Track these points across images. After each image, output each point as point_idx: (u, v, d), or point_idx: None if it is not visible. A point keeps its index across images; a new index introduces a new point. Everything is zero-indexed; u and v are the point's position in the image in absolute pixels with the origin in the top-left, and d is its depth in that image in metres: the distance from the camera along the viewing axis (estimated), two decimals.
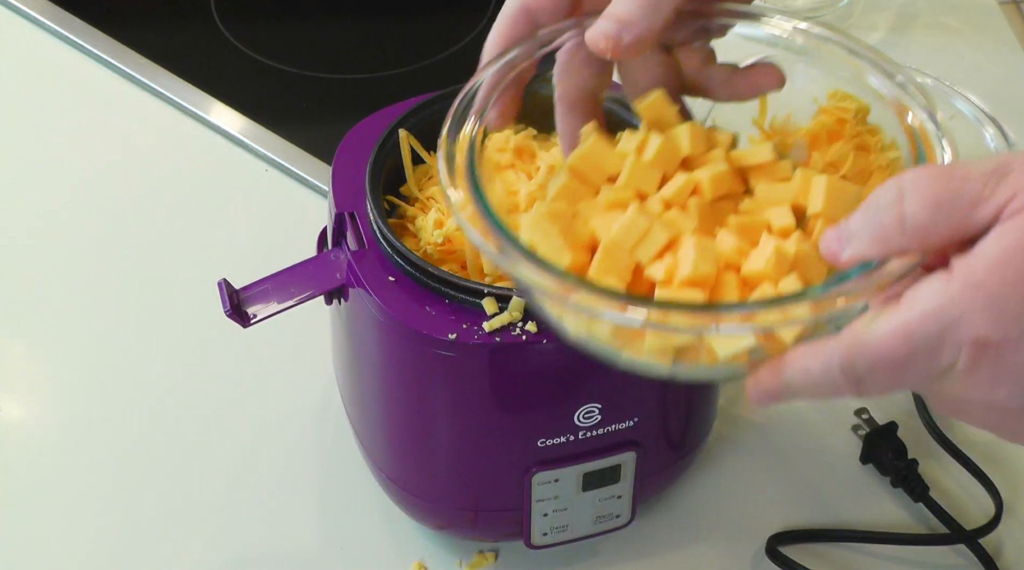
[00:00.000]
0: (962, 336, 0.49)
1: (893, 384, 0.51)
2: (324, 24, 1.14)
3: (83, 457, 0.83)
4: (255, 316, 0.69)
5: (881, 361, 0.50)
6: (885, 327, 0.50)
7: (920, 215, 0.50)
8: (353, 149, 0.72)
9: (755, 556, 0.78)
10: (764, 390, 0.54)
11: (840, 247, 0.53)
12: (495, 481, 0.72)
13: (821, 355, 0.52)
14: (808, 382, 0.52)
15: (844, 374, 0.51)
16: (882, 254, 0.52)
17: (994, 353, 0.49)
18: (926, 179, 0.50)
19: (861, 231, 0.52)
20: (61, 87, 1.06)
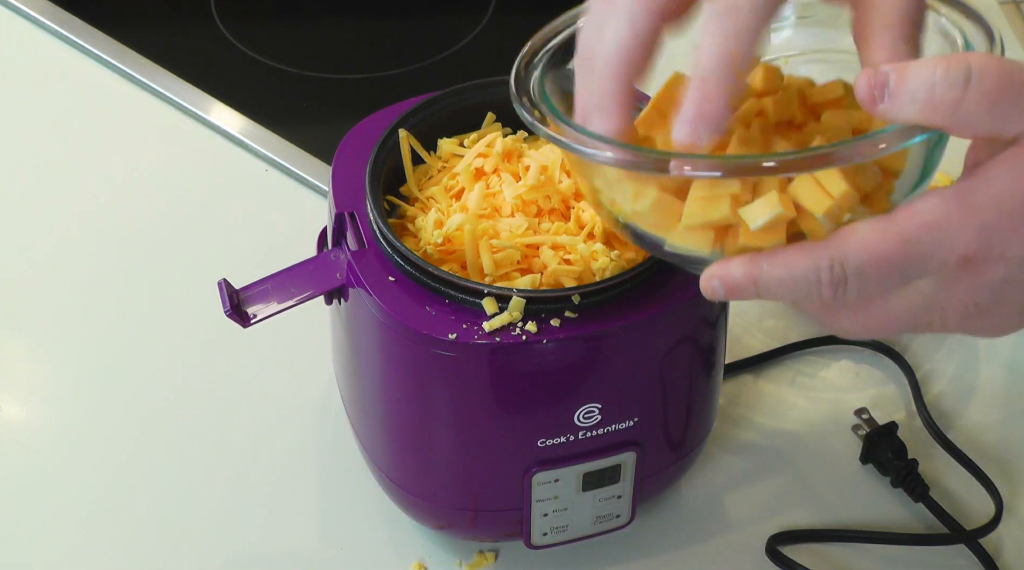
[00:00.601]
0: (952, 252, 0.51)
1: (875, 290, 0.53)
2: (324, 24, 1.14)
3: (83, 457, 0.83)
4: (255, 316, 0.69)
5: (874, 261, 0.52)
6: (882, 232, 0.52)
7: (978, 107, 0.51)
8: (353, 149, 0.72)
9: (755, 556, 0.78)
10: (728, 278, 0.54)
11: (882, 95, 0.52)
12: (495, 481, 0.72)
13: (811, 251, 0.53)
14: (787, 277, 0.53)
15: (831, 273, 0.52)
16: (922, 122, 0.52)
17: (975, 266, 0.52)
18: (994, 73, 0.51)
19: (915, 93, 0.52)
20: (61, 87, 1.06)
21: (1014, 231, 0.51)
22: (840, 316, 0.55)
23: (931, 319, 0.54)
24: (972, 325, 0.54)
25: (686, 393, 0.74)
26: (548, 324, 0.64)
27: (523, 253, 0.68)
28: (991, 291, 0.53)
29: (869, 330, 0.55)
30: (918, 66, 0.52)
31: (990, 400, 0.86)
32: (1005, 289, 0.52)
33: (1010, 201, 0.51)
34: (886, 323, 0.54)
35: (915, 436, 0.83)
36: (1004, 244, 0.51)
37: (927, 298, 0.53)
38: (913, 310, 0.54)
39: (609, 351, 0.67)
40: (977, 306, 0.53)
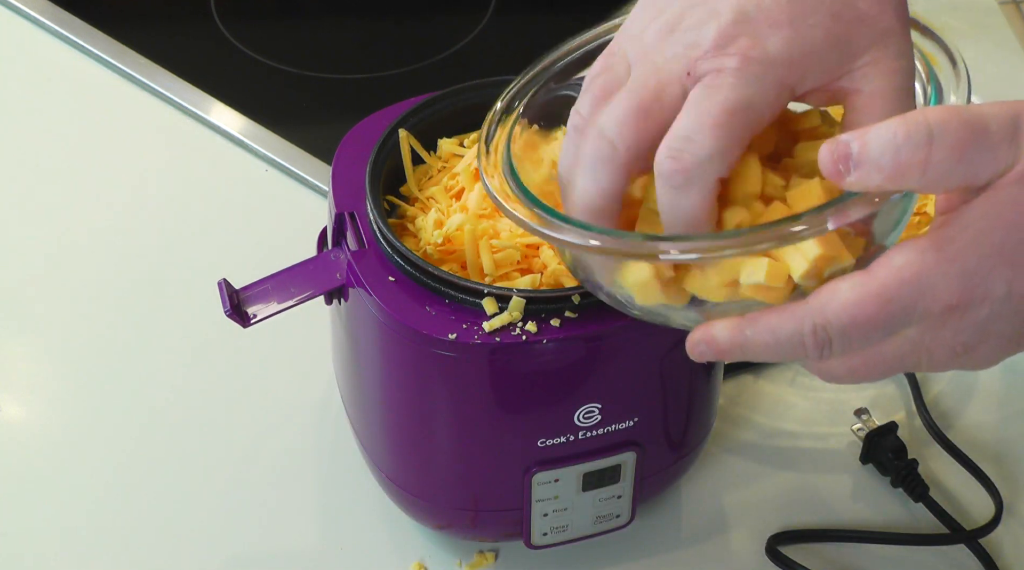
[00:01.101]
0: (935, 302, 0.51)
1: (859, 346, 0.53)
2: (324, 24, 1.14)
3: (83, 457, 0.83)
4: (255, 316, 0.69)
5: (856, 323, 0.52)
6: (863, 291, 0.52)
7: (945, 164, 0.50)
8: (353, 149, 0.72)
9: (755, 556, 0.78)
10: (714, 344, 0.55)
11: (848, 168, 0.52)
12: (495, 481, 0.72)
13: (795, 315, 0.53)
14: (771, 342, 0.53)
15: (815, 337, 0.52)
16: (891, 189, 0.52)
17: (960, 313, 0.52)
18: (955, 125, 0.51)
19: (879, 160, 0.51)
20: (61, 87, 1.06)
21: (994, 271, 0.51)
22: (828, 364, 0.55)
23: (919, 360, 0.54)
24: (960, 361, 0.54)
25: (686, 393, 0.74)
26: (548, 324, 0.64)
27: (523, 253, 0.68)
28: (977, 329, 0.52)
29: (857, 376, 0.55)
30: (877, 131, 0.51)
31: (990, 400, 0.86)
32: (991, 325, 0.52)
33: (988, 244, 0.51)
34: (873, 368, 0.54)
35: (915, 436, 0.83)
36: (986, 286, 0.51)
37: (913, 343, 0.53)
38: (900, 355, 0.54)
39: (609, 351, 0.67)
40: (964, 345, 0.53)
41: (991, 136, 0.51)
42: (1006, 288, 0.51)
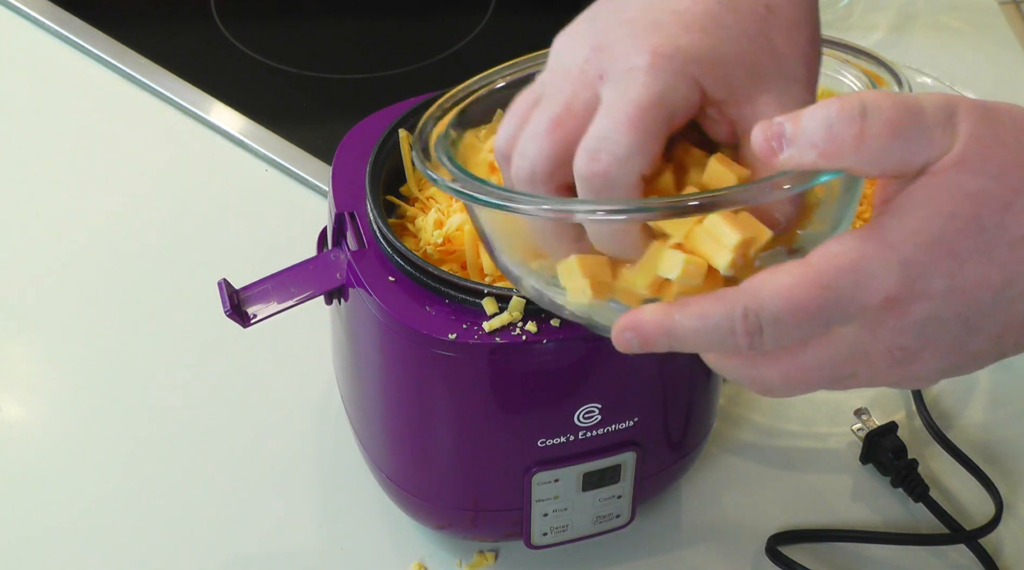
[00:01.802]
0: (873, 293, 0.49)
1: (792, 337, 0.50)
2: (324, 24, 1.14)
3: (83, 457, 0.83)
4: (255, 316, 0.69)
5: (790, 309, 0.49)
6: (798, 277, 0.50)
7: (880, 139, 0.49)
8: (353, 149, 0.72)
9: (755, 556, 0.78)
10: (641, 330, 0.52)
11: (781, 146, 0.50)
12: (495, 481, 0.72)
13: (725, 299, 0.51)
14: (700, 328, 0.51)
15: (745, 322, 0.50)
16: (825, 167, 0.50)
17: (898, 306, 0.50)
18: (889, 103, 0.50)
19: (813, 136, 0.50)
20: (61, 87, 1.06)
21: (934, 264, 0.49)
22: (761, 368, 0.52)
23: (856, 368, 0.51)
24: (901, 372, 0.52)
25: (686, 393, 0.74)
26: (548, 324, 0.64)
27: None
28: (917, 331, 0.50)
29: (792, 383, 0.52)
30: (812, 109, 0.50)
31: (990, 400, 0.86)
32: (931, 328, 0.50)
33: (926, 233, 0.49)
34: (809, 374, 0.52)
35: (915, 436, 0.83)
36: (926, 279, 0.49)
37: (851, 345, 0.51)
38: (837, 359, 0.51)
39: (609, 351, 0.66)
40: (904, 350, 0.50)
41: (926, 118, 0.49)
42: (947, 282, 0.49)
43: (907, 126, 0.49)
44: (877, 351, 0.51)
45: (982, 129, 0.50)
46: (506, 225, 0.59)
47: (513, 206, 0.54)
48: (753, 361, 0.52)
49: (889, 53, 1.05)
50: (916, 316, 0.50)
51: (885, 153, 0.49)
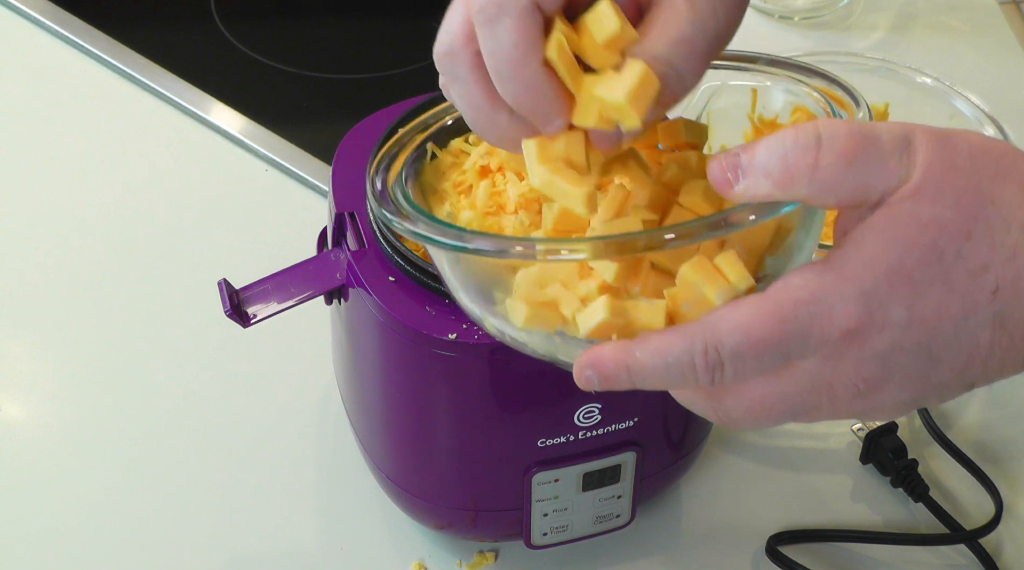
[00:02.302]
0: (832, 325, 0.49)
1: (753, 371, 0.50)
2: (324, 24, 1.14)
3: (83, 457, 0.83)
4: (255, 316, 0.69)
5: (749, 343, 0.49)
6: (757, 311, 0.49)
7: (833, 168, 0.49)
8: (353, 149, 0.72)
9: (755, 556, 0.78)
10: (601, 367, 0.51)
11: (736, 178, 0.50)
12: (495, 481, 0.72)
13: (684, 334, 0.50)
14: (660, 364, 0.50)
15: (705, 357, 0.49)
16: (779, 197, 0.50)
17: (859, 337, 0.49)
18: (844, 132, 0.49)
19: (767, 166, 0.49)
20: (61, 87, 1.06)
21: (892, 293, 0.49)
22: (724, 402, 0.52)
23: (820, 400, 0.51)
24: (865, 404, 0.51)
25: None
26: None
27: None
28: (879, 362, 0.49)
29: (755, 416, 0.51)
30: (767, 140, 0.50)
31: (990, 400, 0.86)
32: (893, 358, 0.49)
33: (883, 263, 0.49)
34: (772, 406, 0.51)
35: (915, 436, 0.83)
36: (884, 309, 0.49)
37: (813, 377, 0.50)
38: (800, 391, 0.50)
39: None
40: (867, 382, 0.50)
41: (881, 146, 0.49)
42: (906, 313, 0.49)
43: (862, 155, 0.49)
44: (840, 383, 0.50)
45: (939, 157, 0.49)
46: (465, 263, 0.58)
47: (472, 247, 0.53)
48: (716, 394, 0.52)
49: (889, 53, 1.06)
50: (877, 347, 0.49)
51: (840, 182, 0.49)
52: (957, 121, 0.92)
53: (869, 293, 0.49)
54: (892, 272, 0.49)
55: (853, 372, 0.50)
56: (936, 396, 0.51)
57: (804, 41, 1.09)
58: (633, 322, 0.52)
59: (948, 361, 0.50)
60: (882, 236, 0.49)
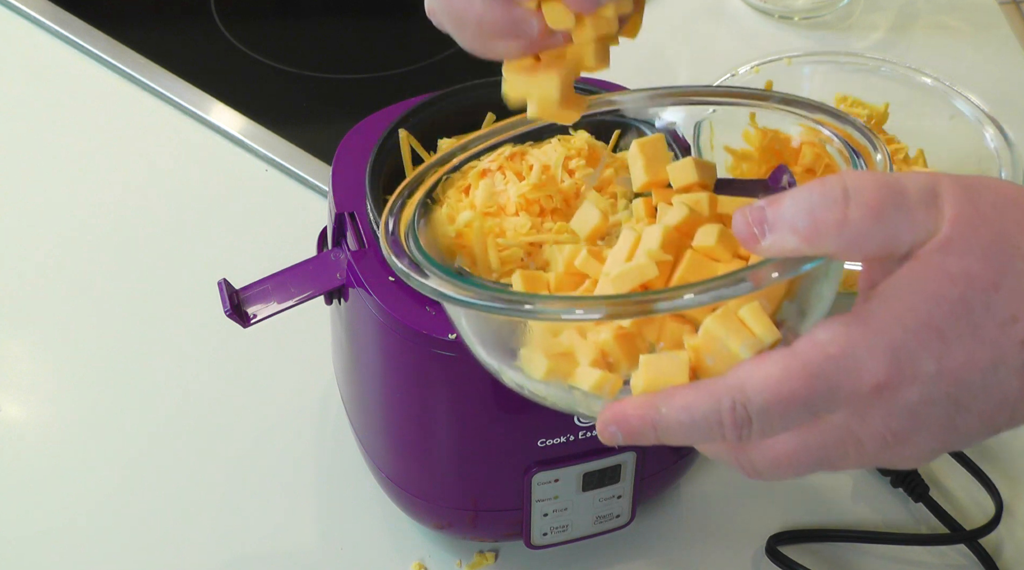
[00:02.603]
0: (862, 380, 0.48)
1: (780, 427, 0.49)
2: (324, 24, 1.14)
3: (83, 457, 0.83)
4: (255, 316, 0.69)
5: (777, 400, 0.48)
6: (785, 367, 0.49)
7: (863, 223, 0.48)
8: (353, 149, 0.72)
9: (755, 556, 0.78)
10: (626, 424, 0.51)
11: (763, 231, 0.50)
12: (495, 481, 0.72)
13: (711, 391, 0.49)
14: (686, 421, 0.50)
15: (733, 415, 0.49)
16: (807, 252, 0.49)
17: (890, 393, 0.49)
18: (871, 185, 0.49)
19: (794, 221, 0.49)
20: (61, 87, 1.06)
21: (923, 348, 0.48)
22: (749, 455, 0.51)
23: (847, 452, 0.50)
24: (892, 455, 0.50)
25: None
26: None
27: (526, 251, 0.68)
28: (908, 414, 0.49)
29: (782, 468, 0.51)
30: (793, 193, 0.49)
31: None
32: (922, 410, 0.49)
33: (913, 317, 0.48)
34: (799, 459, 0.50)
35: None
36: (914, 363, 0.48)
37: (841, 431, 0.50)
38: (827, 444, 0.50)
39: None
40: (896, 434, 0.49)
41: (908, 198, 0.49)
42: (936, 365, 0.48)
43: (890, 208, 0.49)
44: (868, 435, 0.50)
45: (966, 208, 0.49)
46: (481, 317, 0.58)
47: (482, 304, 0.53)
48: (742, 448, 0.51)
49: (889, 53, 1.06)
50: (906, 400, 0.49)
51: (869, 236, 0.49)
52: (957, 121, 0.92)
53: (898, 347, 0.48)
54: (921, 326, 0.48)
55: (882, 425, 0.49)
56: (963, 442, 0.51)
57: (804, 41, 1.09)
58: (660, 377, 0.52)
59: (976, 410, 0.50)
60: (911, 290, 0.49)
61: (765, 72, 0.94)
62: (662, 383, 0.51)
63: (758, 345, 0.51)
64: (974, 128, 0.91)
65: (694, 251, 0.55)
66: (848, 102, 0.94)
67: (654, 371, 0.52)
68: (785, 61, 0.95)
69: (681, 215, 0.56)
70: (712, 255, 0.55)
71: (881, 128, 0.93)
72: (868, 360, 0.48)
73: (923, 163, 0.92)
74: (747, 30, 0.68)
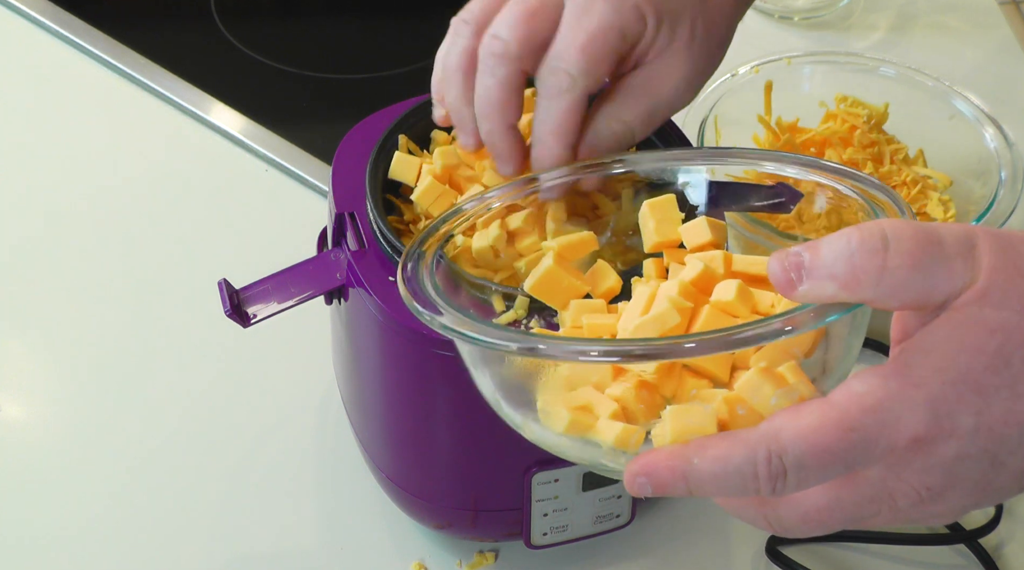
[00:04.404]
0: (900, 434, 0.48)
1: (816, 480, 0.49)
2: (324, 24, 1.14)
3: (83, 457, 0.83)
4: (255, 316, 0.69)
5: (815, 453, 0.48)
6: (821, 419, 0.48)
7: (901, 272, 0.48)
8: (353, 149, 0.72)
9: (755, 556, 0.78)
10: (656, 476, 0.50)
11: (800, 277, 0.49)
12: (495, 481, 0.72)
13: (745, 442, 0.49)
14: (720, 473, 0.49)
15: (768, 467, 0.48)
16: (844, 299, 0.49)
17: (928, 448, 0.48)
18: (910, 234, 0.48)
19: (834, 267, 0.49)
20: (61, 87, 1.06)
21: (961, 402, 0.47)
22: (778, 511, 0.51)
23: (880, 508, 0.50)
24: (924, 511, 0.50)
25: None
26: (552, 323, 0.64)
27: None
28: (944, 471, 0.48)
29: (810, 525, 0.50)
30: (831, 240, 0.49)
31: None
32: (958, 466, 0.48)
33: (952, 370, 0.48)
34: (829, 516, 0.50)
35: None
36: (953, 417, 0.48)
37: (875, 486, 0.49)
38: (859, 501, 0.49)
39: None
40: (930, 490, 0.49)
41: (946, 248, 0.48)
42: (974, 420, 0.48)
43: (929, 258, 0.48)
44: (902, 491, 0.49)
45: (1002, 260, 0.48)
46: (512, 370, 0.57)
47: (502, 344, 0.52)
48: (771, 503, 0.51)
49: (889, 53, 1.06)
50: (943, 455, 0.48)
51: (907, 285, 0.48)
52: (957, 121, 0.92)
53: (937, 401, 0.48)
54: (960, 379, 0.48)
55: (916, 481, 0.49)
56: (994, 499, 0.51)
57: (804, 41, 1.09)
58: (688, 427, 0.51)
59: (1012, 466, 0.49)
60: (949, 342, 0.48)
61: (765, 72, 0.94)
62: (690, 434, 0.51)
63: (793, 396, 0.51)
64: (974, 128, 0.91)
65: (712, 306, 0.55)
66: (848, 102, 0.94)
67: (682, 422, 0.51)
68: (785, 61, 0.95)
69: (697, 271, 0.56)
70: (730, 311, 0.54)
71: (881, 128, 0.93)
72: (906, 413, 0.48)
73: (923, 163, 0.92)
74: (747, 30, 0.68)
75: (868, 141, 0.91)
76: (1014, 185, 0.87)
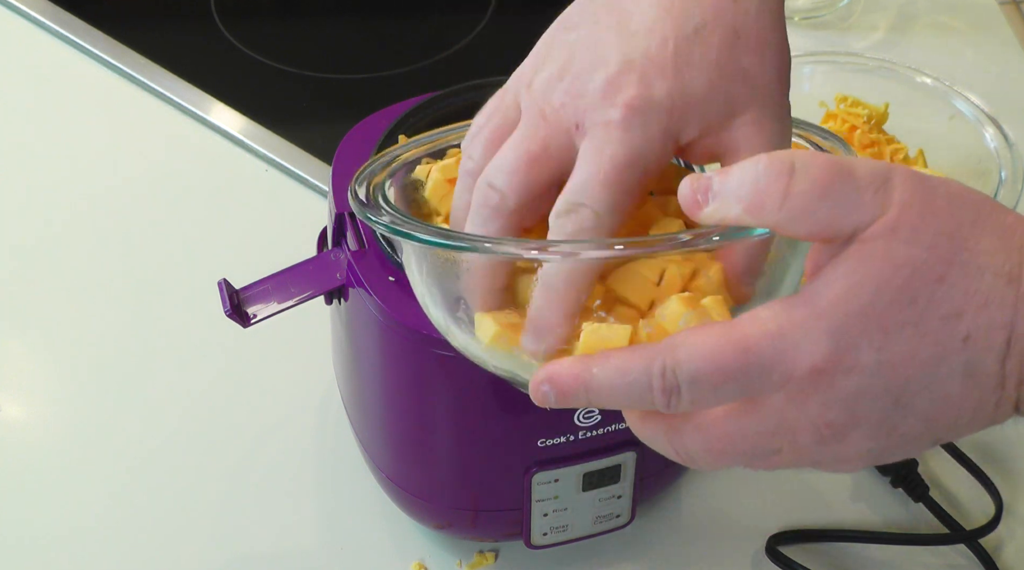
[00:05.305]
0: (798, 362, 0.48)
1: (710, 399, 0.49)
2: (324, 24, 1.14)
3: (83, 457, 0.83)
4: (255, 316, 0.69)
5: (709, 370, 0.48)
6: (720, 338, 0.48)
7: (805, 197, 0.48)
8: (353, 149, 0.72)
9: (755, 556, 0.78)
10: (558, 383, 0.50)
11: (706, 198, 0.49)
12: (495, 481, 0.72)
13: (644, 355, 0.49)
14: (618, 383, 0.49)
15: (663, 380, 0.48)
16: (748, 222, 0.49)
17: (827, 380, 0.48)
18: (821, 163, 0.48)
19: (739, 190, 0.48)
20: (61, 87, 1.06)
21: (862, 335, 0.47)
22: (684, 437, 0.51)
23: (781, 444, 0.49)
24: (827, 451, 0.49)
25: None
26: None
27: None
28: (844, 407, 0.48)
29: (713, 454, 0.50)
30: (740, 164, 0.49)
31: None
32: (860, 403, 0.48)
33: (855, 303, 0.47)
34: (732, 445, 0.50)
35: None
36: (854, 351, 0.47)
37: (775, 418, 0.48)
38: (760, 432, 0.49)
39: None
40: (831, 427, 0.48)
41: (857, 180, 0.48)
42: (875, 355, 0.47)
43: (837, 187, 0.48)
44: (803, 426, 0.49)
45: (917, 198, 0.48)
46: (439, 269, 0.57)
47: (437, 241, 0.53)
48: (676, 429, 0.51)
49: (889, 53, 1.06)
50: (843, 389, 0.48)
51: (811, 212, 0.48)
52: (957, 121, 0.92)
53: (838, 332, 0.47)
54: (863, 312, 0.47)
55: (817, 415, 0.48)
56: (902, 449, 0.50)
57: (804, 41, 1.09)
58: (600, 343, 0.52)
59: (917, 409, 0.48)
60: (854, 274, 0.47)
61: None
62: (600, 348, 0.51)
63: (703, 320, 0.51)
64: (974, 128, 0.91)
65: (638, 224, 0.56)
66: (848, 102, 0.94)
67: (595, 338, 0.52)
68: None
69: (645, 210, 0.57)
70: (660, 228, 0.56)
71: (881, 128, 0.93)
72: (805, 342, 0.47)
73: (923, 163, 0.92)
74: None
75: (868, 141, 0.91)
76: (1014, 185, 0.87)
